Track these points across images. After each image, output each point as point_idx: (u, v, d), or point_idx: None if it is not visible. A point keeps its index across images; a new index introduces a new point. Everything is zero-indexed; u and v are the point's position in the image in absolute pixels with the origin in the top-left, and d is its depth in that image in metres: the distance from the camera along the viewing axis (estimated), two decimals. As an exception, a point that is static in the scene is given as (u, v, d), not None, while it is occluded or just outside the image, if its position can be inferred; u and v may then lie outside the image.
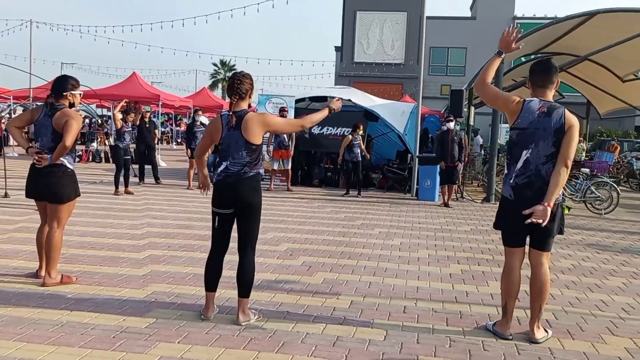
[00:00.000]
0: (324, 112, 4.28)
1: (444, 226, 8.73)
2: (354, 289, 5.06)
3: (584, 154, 20.39)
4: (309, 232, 7.69)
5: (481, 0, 38.90)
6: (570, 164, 3.76)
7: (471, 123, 19.46)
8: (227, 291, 4.66)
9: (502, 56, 4.01)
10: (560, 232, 4.01)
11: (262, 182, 4.23)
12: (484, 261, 6.41)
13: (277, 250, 6.45)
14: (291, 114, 13.10)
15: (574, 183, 11.92)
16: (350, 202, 11.14)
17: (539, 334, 3.93)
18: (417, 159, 12.28)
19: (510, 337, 3.94)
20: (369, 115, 13.30)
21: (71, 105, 4.77)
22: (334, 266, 5.85)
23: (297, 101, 13.63)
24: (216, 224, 3.98)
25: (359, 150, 12.00)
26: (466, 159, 12.51)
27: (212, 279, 4.03)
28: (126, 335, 3.70)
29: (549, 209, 3.68)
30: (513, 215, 3.92)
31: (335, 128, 13.23)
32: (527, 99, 3.91)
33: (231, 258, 4.30)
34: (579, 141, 22.07)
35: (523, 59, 20.11)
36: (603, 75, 17.31)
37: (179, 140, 31.72)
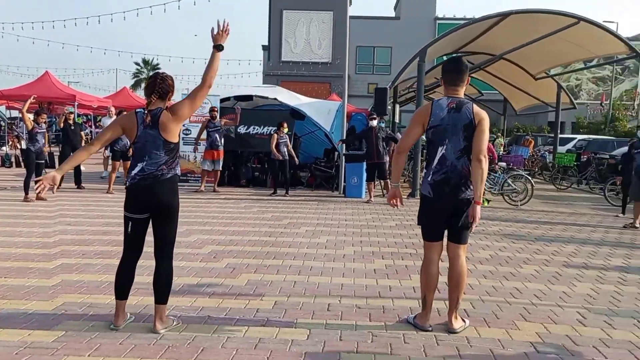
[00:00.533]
0: (216, 56, 3.80)
1: (370, 222, 8.85)
2: (279, 289, 5.00)
3: (501, 149, 21.38)
4: (234, 233, 7.55)
5: (404, 1, 39.87)
6: (483, 156, 3.84)
7: (396, 120, 19.98)
8: (145, 298, 4.47)
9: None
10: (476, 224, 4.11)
11: (190, 183, 4.08)
12: (408, 255, 6.53)
13: (200, 253, 6.28)
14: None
15: (492, 177, 12.42)
16: (278, 201, 11.07)
17: (457, 324, 4.03)
18: (343, 157, 12.37)
19: (430, 329, 4.02)
20: (296, 114, 13.27)
21: None
22: (258, 267, 5.76)
23: (222, 100, 13.38)
24: (129, 229, 3.79)
25: (285, 149, 11.94)
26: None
27: (123, 286, 3.84)
28: (31, 351, 3.45)
29: (478, 207, 3.82)
30: (432, 212, 4.01)
31: (262, 127, 13.10)
32: (435, 99, 4.03)
33: (150, 263, 4.12)
34: (497, 136, 23.18)
35: (445, 58, 20.83)
36: (517, 73, 18.22)
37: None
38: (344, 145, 12.66)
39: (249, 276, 5.39)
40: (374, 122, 11.49)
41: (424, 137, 4.12)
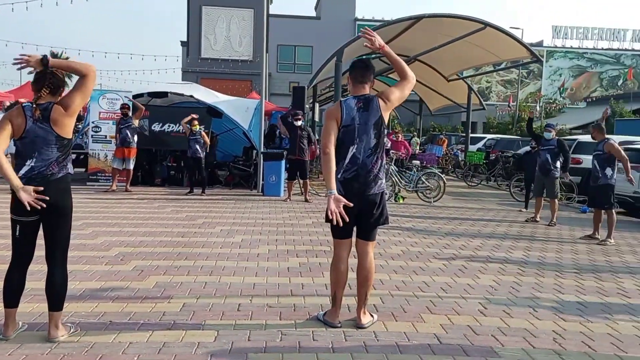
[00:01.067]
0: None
1: (287, 221, 8.83)
2: (188, 290, 4.87)
3: (417, 147, 22.13)
4: (145, 234, 7.28)
5: (324, 1, 40.26)
6: (407, 74, 4.06)
7: (316, 119, 20.12)
8: (40, 305, 4.19)
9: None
10: (385, 221, 4.17)
11: (101, 183, 3.85)
12: (322, 253, 6.57)
13: (106, 256, 6.00)
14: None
15: (407, 174, 12.80)
16: (194, 200, 10.81)
17: (365, 319, 4.09)
18: (261, 155, 12.29)
19: (339, 325, 4.05)
20: (213, 112, 13.02)
21: None
22: (168, 268, 5.58)
23: (135, 97, 12.87)
24: (17, 233, 3.53)
25: (198, 146, 11.68)
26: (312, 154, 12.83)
27: (12, 293, 3.57)
28: None
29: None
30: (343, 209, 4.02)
31: (178, 125, 12.74)
32: (342, 99, 4.08)
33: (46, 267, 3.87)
34: (413, 135, 23.94)
35: (364, 57, 21.19)
36: (431, 75, 18.89)
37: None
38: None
39: (158, 278, 5.21)
40: (299, 122, 11.55)
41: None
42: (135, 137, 11.83)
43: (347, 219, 3.77)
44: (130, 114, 11.71)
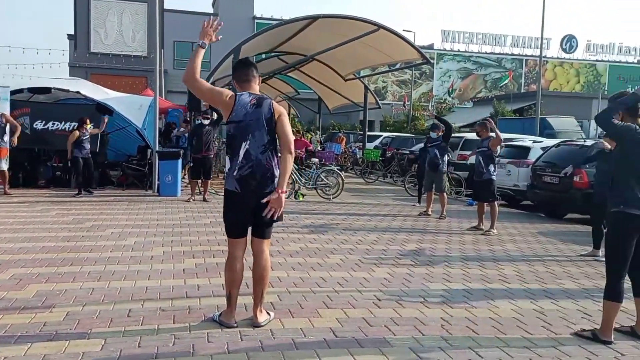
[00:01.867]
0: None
1: (184, 221, 8.58)
2: (73, 298, 4.56)
3: (318, 145, 22.44)
4: (25, 240, 6.74)
5: (222, -3, 39.63)
6: (292, 148, 3.97)
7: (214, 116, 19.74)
8: None
9: (205, 47, 3.98)
10: (280, 219, 4.15)
11: None
12: (220, 253, 6.43)
13: (-21, 265, 5.48)
14: (5, 106, 11.36)
15: (307, 172, 12.92)
16: (82, 202, 10.19)
17: (262, 317, 4.06)
18: (156, 154, 11.84)
19: (235, 325, 3.99)
20: (102, 109, 12.34)
21: None
22: (51, 275, 5.21)
23: (13, 92, 11.88)
24: None
25: (89, 146, 11.05)
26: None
27: None
28: None
29: (283, 196, 3.86)
30: (239, 207, 3.97)
31: (63, 123, 11.94)
32: (238, 93, 4.00)
33: None
34: (315, 133, 24.24)
35: (264, 56, 21.18)
36: (329, 74, 19.24)
37: None
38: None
39: (38, 287, 4.83)
40: (206, 122, 11.29)
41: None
42: (6, 137, 10.90)
43: None
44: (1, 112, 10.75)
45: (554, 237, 8.59)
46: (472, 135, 13.75)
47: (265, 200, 3.82)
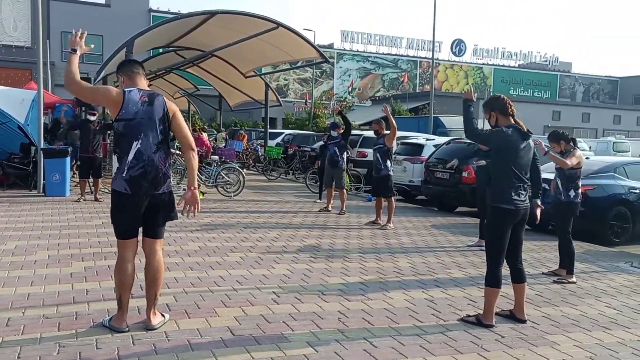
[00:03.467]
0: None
1: (72, 222, 8.08)
2: (-59, 310, 4.14)
3: (223, 143, 22.04)
4: None
5: (115, -13, 37.80)
6: (194, 145, 3.97)
7: (108, 112, 18.78)
8: None
9: (78, 54, 3.83)
10: (174, 217, 4.04)
11: None
12: (112, 255, 6.08)
13: None
14: None
15: (207, 170, 12.66)
16: (-44, 205, 9.28)
17: (156, 320, 3.93)
18: (42, 152, 11.05)
19: (127, 329, 3.82)
20: (-22, 103, 11.29)
21: None
22: None
23: None
24: None
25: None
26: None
27: None
28: None
29: (196, 192, 3.86)
30: (129, 208, 3.81)
31: None
32: (126, 89, 3.83)
33: None
34: (222, 130, 23.78)
35: (161, 50, 20.45)
36: (230, 71, 18.97)
37: None
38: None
39: None
40: (93, 118, 10.67)
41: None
42: None
43: None
44: None
45: (445, 230, 9.08)
46: (371, 133, 14.17)
47: (179, 202, 3.85)
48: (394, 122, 9.01)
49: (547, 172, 9.37)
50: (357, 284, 5.43)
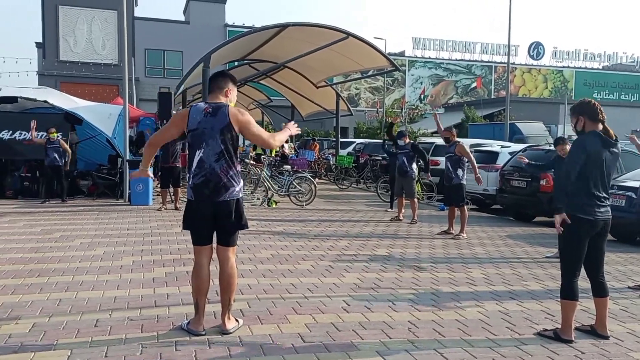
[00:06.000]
0: None
1: (154, 230, 8.53)
2: (39, 309, 4.51)
3: (292, 152, 22.44)
4: (-9, 252, 6.63)
5: (193, 5, 39.52)
6: (273, 143, 4.21)
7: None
8: None
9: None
10: (244, 226, 4.17)
11: None
12: (190, 261, 6.31)
13: (-58, 279, 5.37)
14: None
15: (280, 179, 12.95)
16: (52, 213, 10.03)
17: (230, 324, 4.08)
18: (127, 163, 11.74)
19: (204, 333, 4.00)
20: (72, 118, 12.19)
21: None
22: (17, 287, 5.13)
23: (-22, 102, 11.69)
24: None
25: (56, 155, 10.94)
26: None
27: None
28: None
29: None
30: (196, 216, 3.99)
31: (30, 133, 11.75)
32: (193, 104, 4.08)
33: None
34: (287, 140, 24.27)
35: (236, 64, 21.21)
36: (301, 81, 19.33)
37: None
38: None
39: (4, 298, 4.76)
40: None
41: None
42: None
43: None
44: None
45: (521, 240, 8.78)
46: (443, 141, 13.95)
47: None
48: (441, 126, 9.11)
49: (634, 179, 8.89)
50: (428, 294, 5.38)
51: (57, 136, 11.33)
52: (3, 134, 11.84)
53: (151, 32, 36.16)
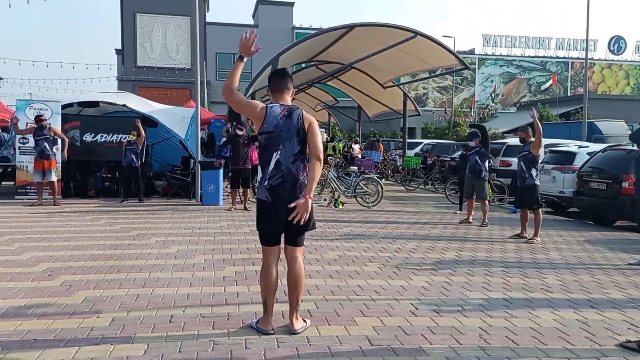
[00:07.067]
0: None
1: (225, 229, 8.76)
2: (119, 304, 4.74)
3: (360, 153, 22.43)
4: (76, 248, 7.03)
5: (262, 9, 40.29)
6: (321, 156, 4.02)
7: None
8: (-44, 326, 3.98)
9: (244, 60, 4.05)
10: (313, 227, 4.21)
11: (30, 196, 3.69)
12: (259, 261, 6.40)
13: (32, 272, 5.76)
14: (56, 120, 11.91)
15: (346, 180, 12.97)
16: (130, 212, 10.53)
17: (298, 324, 4.12)
18: (199, 164, 12.13)
19: (272, 332, 4.06)
20: (147, 121, 12.76)
21: None
22: (99, 282, 5.42)
23: (64, 107, 12.44)
24: None
25: (134, 156, 11.50)
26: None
27: None
28: None
29: (310, 201, 3.91)
30: (271, 216, 4.06)
31: (110, 135, 12.40)
32: (269, 104, 4.10)
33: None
34: (356, 141, 24.26)
35: (303, 65, 21.41)
36: (368, 82, 19.26)
37: None
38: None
39: (87, 293, 5.04)
40: (241, 132, 11.57)
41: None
42: (55, 149, 11.41)
43: None
44: (47, 125, 11.22)
45: (601, 246, 8.33)
46: (515, 141, 13.47)
47: (292, 205, 3.88)
48: (540, 127, 8.49)
49: None
50: (500, 299, 5.20)
51: (135, 138, 11.88)
52: (86, 137, 12.54)
53: (222, 36, 37.15)
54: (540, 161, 8.71)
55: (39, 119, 11.18)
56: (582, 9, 60.03)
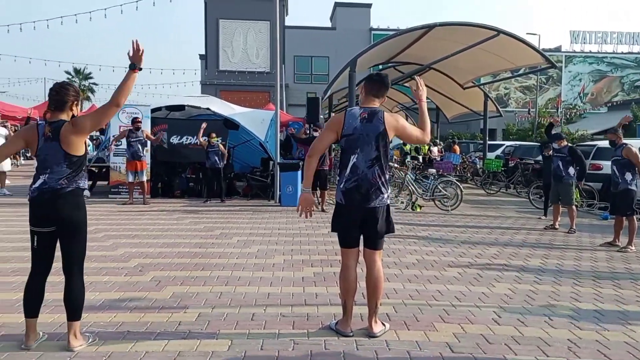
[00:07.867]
0: (130, 76, 3.63)
1: (303, 231, 8.89)
2: (204, 300, 4.95)
3: (438, 156, 21.99)
4: (164, 245, 7.40)
5: (340, 11, 40.48)
6: (424, 137, 4.15)
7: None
8: (61, 315, 4.29)
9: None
10: (391, 230, 4.20)
11: (122, 196, 3.96)
12: (337, 262, 6.55)
13: (125, 267, 6.12)
14: (147, 124, 12.58)
15: (424, 183, 12.77)
16: (212, 212, 10.94)
17: (377, 328, 4.12)
18: (278, 166, 12.39)
19: (351, 334, 4.08)
20: (229, 124, 13.20)
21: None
22: (185, 279, 5.68)
23: (153, 110, 13.13)
24: (35, 243, 3.68)
25: (216, 158, 11.97)
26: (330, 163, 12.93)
27: (32, 303, 3.70)
28: None
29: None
30: (345, 219, 4.09)
31: (195, 137, 12.93)
32: (348, 108, 4.13)
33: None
34: (435, 143, 23.86)
35: (381, 67, 21.31)
36: (447, 83, 18.86)
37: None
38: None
39: (174, 289, 5.30)
40: (316, 133, 11.74)
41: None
42: (147, 151, 12.05)
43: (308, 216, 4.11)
44: (141, 127, 11.87)
45: None
46: (605, 143, 12.71)
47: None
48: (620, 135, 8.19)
49: None
50: (591, 311, 4.94)
51: (217, 141, 12.33)
52: (173, 139, 13.16)
53: (300, 39, 37.77)
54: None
55: (136, 120, 11.87)
56: (683, 0, 55.81)
